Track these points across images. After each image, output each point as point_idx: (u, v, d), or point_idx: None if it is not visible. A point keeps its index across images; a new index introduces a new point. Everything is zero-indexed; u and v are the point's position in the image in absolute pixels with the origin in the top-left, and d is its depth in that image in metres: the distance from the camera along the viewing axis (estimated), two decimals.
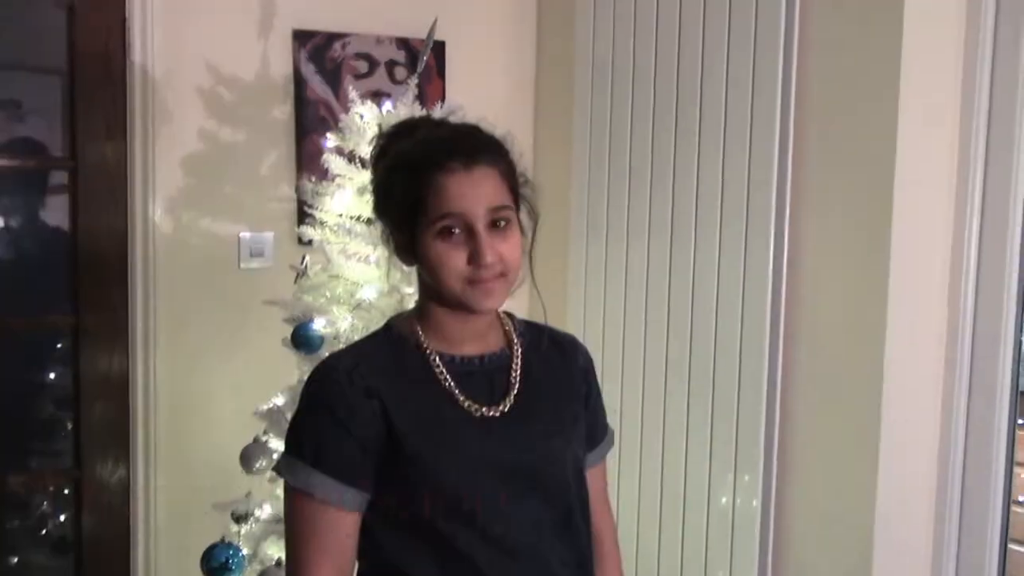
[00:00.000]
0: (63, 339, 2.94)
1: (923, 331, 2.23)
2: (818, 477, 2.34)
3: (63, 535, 3.47)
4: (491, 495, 1.32)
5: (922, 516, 2.32)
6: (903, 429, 2.24)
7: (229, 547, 2.04)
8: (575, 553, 1.39)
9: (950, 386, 2.26)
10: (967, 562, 2.30)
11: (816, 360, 2.32)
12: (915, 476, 2.30)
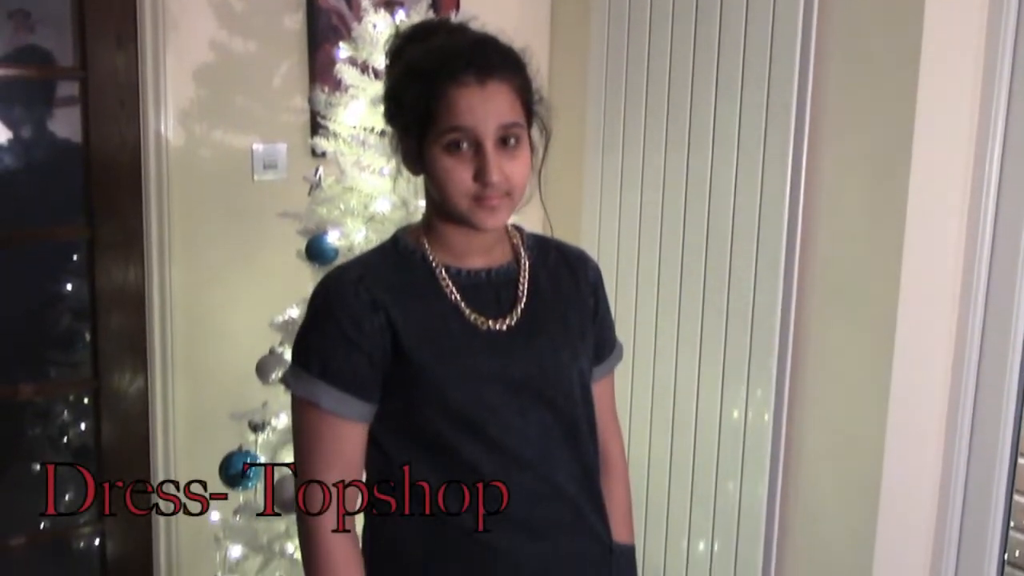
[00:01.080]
0: (78, 251, 2.95)
1: (940, 248, 2.21)
2: (830, 392, 2.36)
3: (84, 443, 3.53)
4: (497, 407, 1.33)
5: (933, 434, 2.33)
6: (917, 346, 2.24)
7: (247, 455, 2.08)
8: (581, 465, 1.40)
9: (966, 303, 2.26)
10: (977, 477, 2.32)
11: (832, 276, 2.31)
12: (928, 394, 2.31)
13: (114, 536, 2.61)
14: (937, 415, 2.33)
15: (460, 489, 1.31)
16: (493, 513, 1.32)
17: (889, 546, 2.32)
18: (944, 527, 2.37)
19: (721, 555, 2.55)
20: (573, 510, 1.38)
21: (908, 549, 2.38)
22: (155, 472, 2.60)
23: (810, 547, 2.43)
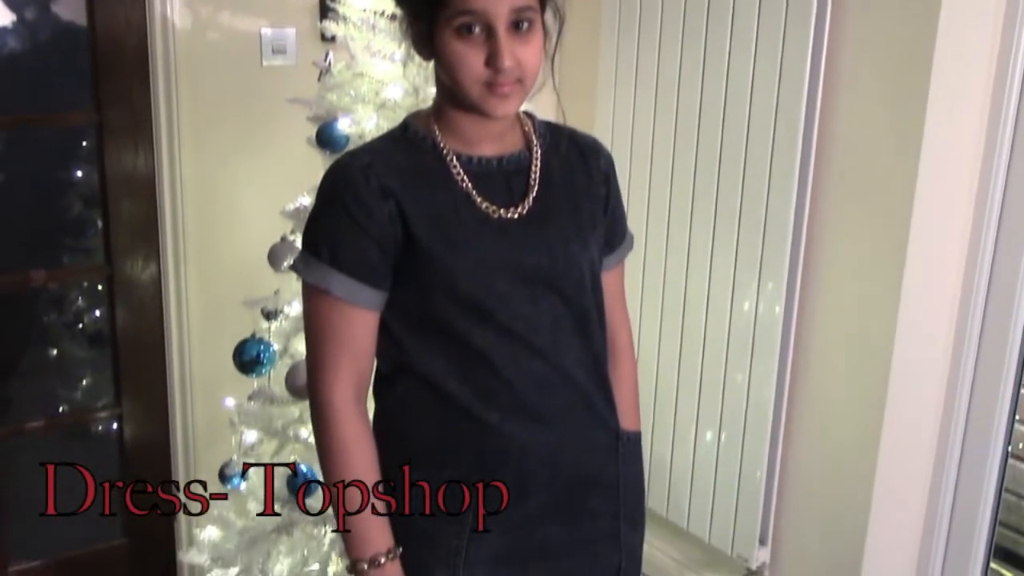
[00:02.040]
0: (87, 137, 2.92)
1: (958, 148, 2.18)
2: (843, 287, 2.35)
3: (99, 329, 3.57)
4: (507, 295, 1.32)
5: (944, 331, 2.34)
6: (930, 246, 2.22)
7: (260, 342, 2.09)
8: (590, 354, 1.40)
9: (982, 203, 2.24)
10: (985, 371, 2.33)
11: (848, 169, 2.28)
12: (940, 292, 2.30)
13: (131, 420, 2.66)
14: (948, 313, 2.33)
15: (469, 378, 1.32)
16: (502, 402, 1.33)
17: (895, 440, 2.34)
18: (950, 420, 2.40)
19: (727, 446, 2.59)
20: (582, 398, 1.39)
21: (914, 443, 2.40)
22: (170, 359, 2.63)
23: (816, 440, 2.46)
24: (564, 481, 1.37)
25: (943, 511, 2.46)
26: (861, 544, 2.38)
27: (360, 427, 1.33)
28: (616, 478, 1.43)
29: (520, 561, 1.36)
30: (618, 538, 1.44)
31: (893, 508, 2.41)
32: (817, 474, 2.47)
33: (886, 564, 2.46)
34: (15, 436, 2.56)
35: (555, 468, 1.36)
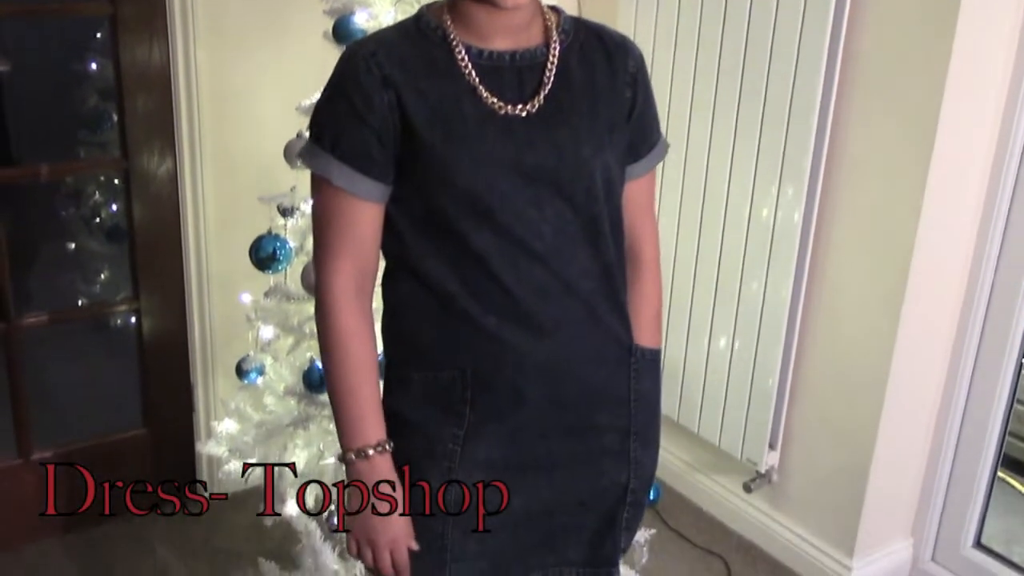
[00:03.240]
0: (100, 28, 2.88)
1: (988, 51, 2.13)
2: (863, 196, 2.32)
3: (116, 223, 3.59)
4: (508, 195, 1.28)
5: (964, 246, 2.32)
6: (955, 156, 2.19)
7: (276, 239, 2.09)
8: (600, 264, 1.36)
9: (1011, 112, 2.20)
10: (1003, 287, 2.32)
11: (874, 76, 2.23)
12: (962, 205, 2.28)
13: (149, 315, 2.68)
14: (970, 224, 2.31)
15: (467, 280, 1.30)
16: (499, 307, 1.30)
17: (909, 349, 2.34)
18: (965, 331, 2.39)
19: (741, 353, 2.60)
20: (587, 309, 1.35)
21: (928, 352, 2.40)
22: (187, 254, 2.63)
23: (830, 348, 2.47)
24: (565, 393, 1.35)
25: (954, 420, 2.47)
26: (870, 451, 2.41)
27: (358, 320, 1.31)
28: (627, 394, 1.40)
29: (518, 469, 1.36)
30: (627, 455, 1.42)
31: (904, 416, 2.43)
32: (829, 381, 2.49)
33: (894, 470, 2.49)
34: (35, 328, 2.59)
35: (554, 379, 1.34)
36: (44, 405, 2.86)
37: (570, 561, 1.44)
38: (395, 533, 1.32)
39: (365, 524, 1.32)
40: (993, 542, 2.54)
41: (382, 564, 1.33)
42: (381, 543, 1.32)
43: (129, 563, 2.55)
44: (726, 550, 2.72)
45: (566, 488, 1.39)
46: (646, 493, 1.47)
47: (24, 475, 2.59)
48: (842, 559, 2.53)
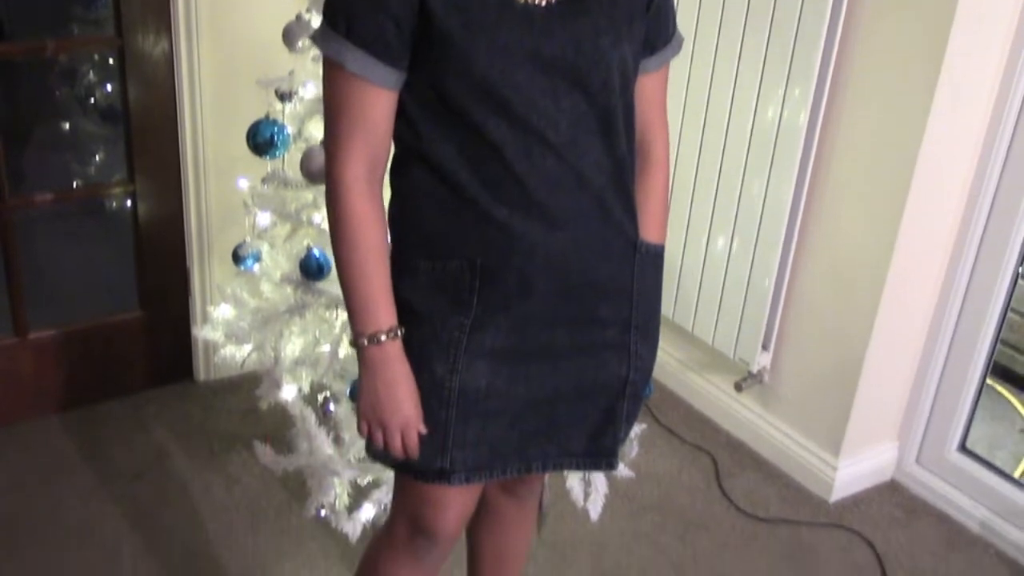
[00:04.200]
0: None
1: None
2: (871, 100, 2.29)
3: (111, 104, 3.53)
4: (525, 86, 1.27)
5: (969, 151, 2.29)
6: (968, 60, 2.15)
7: (274, 124, 2.06)
8: (612, 158, 1.35)
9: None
10: (999, 214, 2.30)
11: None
12: (970, 115, 2.25)
13: (145, 198, 2.66)
14: (975, 135, 2.28)
15: (480, 169, 1.29)
16: (511, 197, 1.30)
17: (908, 255, 2.34)
18: (965, 238, 2.39)
19: (739, 254, 2.59)
20: (597, 202, 1.35)
21: (927, 257, 2.40)
22: (183, 138, 2.60)
23: (828, 251, 2.46)
24: (572, 285, 1.36)
25: (947, 326, 2.49)
26: (862, 354, 2.43)
27: (370, 206, 1.31)
28: (630, 288, 1.41)
29: (522, 359, 1.37)
30: (628, 348, 1.43)
31: (898, 321, 2.44)
32: (826, 284, 2.49)
33: (885, 374, 2.51)
34: (30, 208, 2.57)
35: (562, 271, 1.35)
36: (40, 286, 2.86)
37: (570, 452, 1.47)
38: (406, 416, 1.34)
39: (377, 407, 1.34)
40: (977, 446, 2.59)
41: (392, 445, 1.36)
42: (392, 425, 1.34)
43: (126, 442, 2.59)
44: (715, 447, 2.77)
45: (568, 379, 1.41)
46: (645, 386, 1.49)
47: (20, 353, 2.61)
48: (828, 459, 2.57)
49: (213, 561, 2.22)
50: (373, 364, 1.33)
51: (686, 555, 2.36)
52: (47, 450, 2.55)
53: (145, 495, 2.40)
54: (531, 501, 1.76)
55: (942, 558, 2.42)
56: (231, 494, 2.43)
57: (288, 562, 2.23)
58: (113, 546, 2.24)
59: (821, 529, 2.48)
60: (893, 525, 2.52)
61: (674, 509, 2.51)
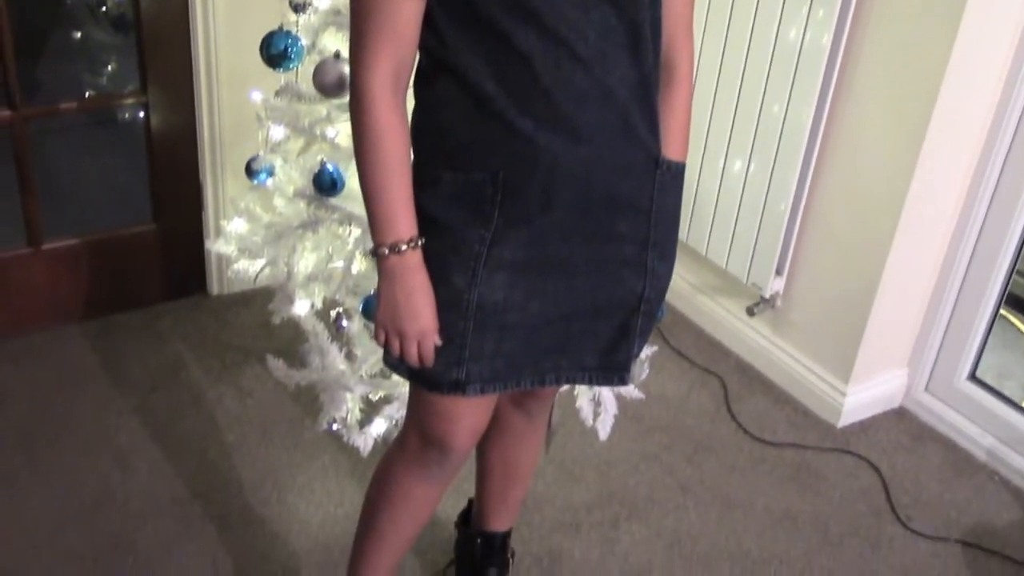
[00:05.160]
0: None
1: None
2: (896, 24, 2.24)
3: (123, 13, 3.48)
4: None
5: (991, 88, 2.25)
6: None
7: (288, 35, 2.02)
8: (639, 73, 1.34)
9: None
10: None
11: None
12: (995, 44, 2.20)
13: (158, 109, 2.64)
14: (1001, 63, 2.24)
15: (507, 80, 1.28)
16: (537, 109, 1.29)
17: (927, 181, 2.32)
18: (986, 167, 2.36)
19: (756, 177, 2.57)
20: (622, 117, 1.34)
21: (946, 185, 2.38)
22: (195, 48, 2.57)
23: (847, 177, 2.44)
24: (593, 200, 1.36)
25: (963, 255, 2.47)
26: (876, 281, 2.42)
27: (394, 115, 1.30)
28: (650, 205, 1.41)
29: (539, 273, 1.38)
30: (645, 266, 1.43)
31: (914, 248, 2.42)
32: (843, 210, 2.47)
33: (898, 301, 2.51)
34: (43, 118, 2.55)
35: (585, 185, 1.34)
36: (53, 197, 2.86)
37: (583, 366, 1.48)
38: (423, 326, 1.35)
39: (395, 316, 1.35)
40: (987, 376, 2.59)
41: (408, 354, 1.37)
42: (409, 334, 1.35)
43: (140, 353, 2.61)
44: (724, 371, 2.78)
45: (584, 294, 1.41)
46: (660, 304, 1.50)
47: (35, 263, 2.62)
48: (838, 385, 2.58)
49: (226, 472, 2.25)
50: (392, 273, 1.33)
51: (693, 476, 2.38)
52: (63, 360, 2.58)
53: (160, 406, 2.43)
54: (541, 418, 1.78)
55: (947, 484, 2.44)
56: (244, 406, 2.46)
57: (301, 475, 2.26)
58: (128, 455, 2.27)
59: (828, 453, 2.51)
60: (899, 451, 2.54)
61: (682, 431, 2.53)
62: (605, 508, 2.26)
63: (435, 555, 2.06)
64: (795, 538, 2.23)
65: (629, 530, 2.21)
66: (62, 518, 2.09)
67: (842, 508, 2.33)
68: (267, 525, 2.12)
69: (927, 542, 2.26)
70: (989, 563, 2.22)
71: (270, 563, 2.03)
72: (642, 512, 2.26)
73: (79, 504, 2.13)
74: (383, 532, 1.64)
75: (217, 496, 2.18)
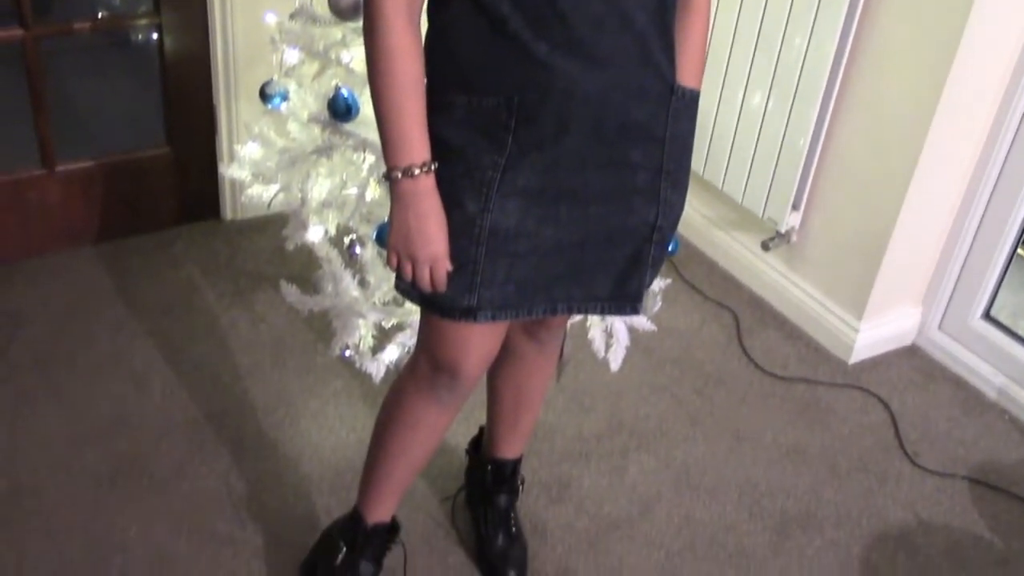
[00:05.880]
0: None
1: None
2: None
3: None
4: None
5: (1018, 25, 2.20)
6: None
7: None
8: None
9: None
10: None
11: None
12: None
13: (171, 32, 2.61)
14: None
15: (522, 4, 1.26)
16: (553, 34, 1.27)
17: (948, 120, 2.28)
18: (1009, 104, 2.32)
19: (775, 111, 2.53)
20: (639, 43, 1.32)
21: (966, 125, 2.34)
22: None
23: (868, 112, 2.40)
24: (607, 127, 1.34)
25: (983, 192, 2.45)
26: (894, 217, 2.40)
27: (408, 39, 1.29)
28: (664, 133, 1.39)
29: (552, 199, 1.37)
30: (658, 194, 1.42)
31: (933, 184, 2.40)
32: (863, 145, 2.44)
33: (915, 238, 2.49)
34: (55, 38, 2.52)
35: (599, 111, 1.32)
36: (66, 119, 2.85)
37: (596, 295, 1.47)
38: (435, 250, 1.35)
39: (408, 240, 1.34)
40: (1001, 315, 2.58)
41: (420, 279, 1.37)
42: (421, 258, 1.35)
43: (154, 277, 2.62)
44: (737, 304, 2.78)
45: (597, 222, 1.40)
46: (672, 233, 1.49)
47: (49, 185, 2.62)
48: (850, 321, 2.58)
49: (239, 395, 2.27)
50: (405, 197, 1.32)
51: (703, 408, 2.39)
52: (78, 282, 2.59)
53: (173, 329, 2.45)
54: (552, 347, 1.78)
55: (956, 422, 2.44)
56: (257, 331, 2.47)
57: (313, 399, 2.28)
58: (143, 377, 2.30)
59: (838, 389, 2.51)
60: (910, 388, 2.54)
61: (693, 363, 2.54)
62: (614, 438, 2.28)
63: (445, 481, 2.09)
64: (802, 471, 2.25)
65: (638, 460, 2.23)
66: (79, 438, 2.12)
67: (850, 443, 2.34)
68: (280, 448, 2.15)
69: (934, 478, 2.27)
70: (995, 500, 2.23)
71: (282, 485, 2.06)
72: (651, 443, 2.28)
73: (95, 424, 2.16)
74: (393, 456, 1.66)
75: (230, 419, 2.21)
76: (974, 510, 2.20)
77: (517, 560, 1.91)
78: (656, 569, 1.97)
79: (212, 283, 2.62)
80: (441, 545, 1.97)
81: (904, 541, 2.10)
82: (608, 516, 2.08)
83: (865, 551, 2.07)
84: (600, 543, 2.02)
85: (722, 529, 2.08)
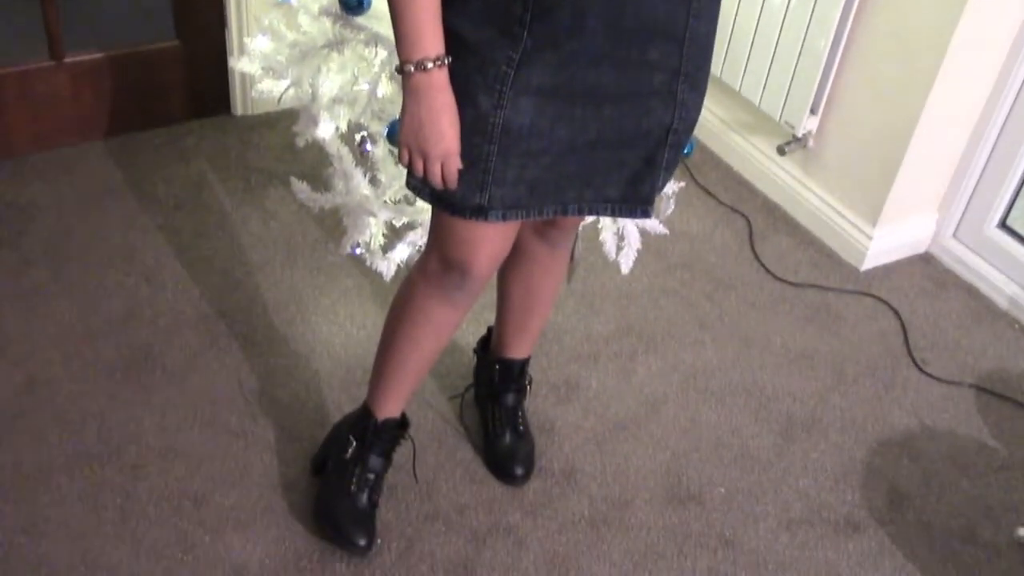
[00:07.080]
0: None
1: None
2: None
3: None
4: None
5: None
6: None
7: None
8: None
9: None
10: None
11: None
12: None
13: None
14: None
15: None
16: None
17: (974, 20, 2.22)
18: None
19: (796, 11, 2.48)
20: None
21: (992, 30, 2.28)
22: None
23: (890, 16, 2.34)
24: (625, 25, 1.30)
25: (1006, 99, 2.40)
26: (913, 123, 2.36)
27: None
28: (683, 33, 1.35)
29: (567, 99, 1.34)
30: (675, 96, 1.39)
31: (955, 89, 2.35)
32: (885, 48, 2.38)
33: (933, 144, 2.45)
34: None
35: (618, 8, 1.28)
36: (73, 9, 2.80)
37: (607, 198, 1.46)
38: (447, 146, 1.33)
39: (419, 135, 1.33)
40: (1016, 224, 2.55)
41: (432, 174, 1.36)
42: (433, 155, 1.34)
43: (164, 172, 2.61)
44: (751, 210, 2.76)
45: (611, 123, 1.38)
46: (688, 136, 1.46)
47: (57, 77, 2.58)
48: (864, 227, 2.56)
49: (251, 291, 2.28)
50: (418, 91, 1.30)
51: (712, 312, 2.40)
52: (89, 175, 2.58)
53: (184, 224, 2.45)
54: (563, 248, 1.78)
55: (966, 330, 2.44)
56: (268, 228, 2.47)
57: (324, 297, 2.29)
58: (154, 272, 2.30)
59: (849, 295, 2.51)
60: (921, 296, 2.54)
61: (704, 268, 2.53)
62: (623, 340, 2.29)
63: (454, 380, 2.11)
64: (810, 377, 2.26)
65: (646, 362, 2.24)
66: (91, 331, 2.14)
67: (859, 349, 2.35)
68: (290, 344, 2.17)
69: (941, 385, 2.28)
70: (1000, 407, 2.25)
71: (293, 381, 2.08)
72: (659, 345, 2.29)
73: (107, 318, 2.17)
74: (403, 353, 1.67)
75: (241, 315, 2.22)
76: (979, 417, 2.21)
77: (524, 457, 1.94)
78: (661, 469, 2.00)
79: (222, 179, 2.61)
80: (450, 442, 1.99)
81: (908, 446, 2.12)
82: (615, 416, 2.10)
83: (869, 455, 2.09)
84: (607, 443, 2.04)
85: (728, 431, 2.10)
